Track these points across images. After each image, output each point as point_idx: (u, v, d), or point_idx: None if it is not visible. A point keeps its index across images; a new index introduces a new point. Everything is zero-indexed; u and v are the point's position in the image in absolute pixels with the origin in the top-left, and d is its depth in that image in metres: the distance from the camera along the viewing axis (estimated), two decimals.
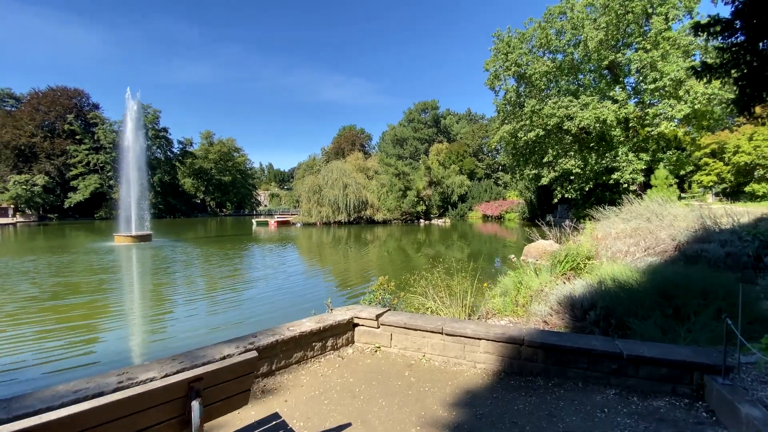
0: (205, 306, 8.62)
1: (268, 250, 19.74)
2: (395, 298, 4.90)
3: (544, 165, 28.58)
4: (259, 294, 9.75)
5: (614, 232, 13.55)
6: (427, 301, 5.05)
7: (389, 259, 17.40)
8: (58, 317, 7.94)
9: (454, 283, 5.87)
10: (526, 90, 29.22)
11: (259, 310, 8.19)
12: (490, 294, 7.01)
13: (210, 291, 10.27)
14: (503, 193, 52.99)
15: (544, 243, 12.96)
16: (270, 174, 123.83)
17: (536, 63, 26.62)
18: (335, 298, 9.47)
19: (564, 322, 4.74)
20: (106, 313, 8.08)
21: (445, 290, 5.68)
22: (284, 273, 12.63)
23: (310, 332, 3.70)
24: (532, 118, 27.02)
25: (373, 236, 29.05)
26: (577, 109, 25.22)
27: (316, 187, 42.32)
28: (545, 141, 28.81)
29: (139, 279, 11.64)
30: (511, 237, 28.81)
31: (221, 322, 7.42)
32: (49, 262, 14.43)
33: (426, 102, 68.77)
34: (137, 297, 9.50)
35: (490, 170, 63.41)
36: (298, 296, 9.66)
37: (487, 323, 3.84)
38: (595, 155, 26.87)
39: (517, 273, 6.78)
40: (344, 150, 66.13)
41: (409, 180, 45.05)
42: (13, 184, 50.20)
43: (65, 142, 56.05)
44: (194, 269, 13.61)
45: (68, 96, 58.85)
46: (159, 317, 8.02)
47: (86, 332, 7.06)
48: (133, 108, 22.86)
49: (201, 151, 74.99)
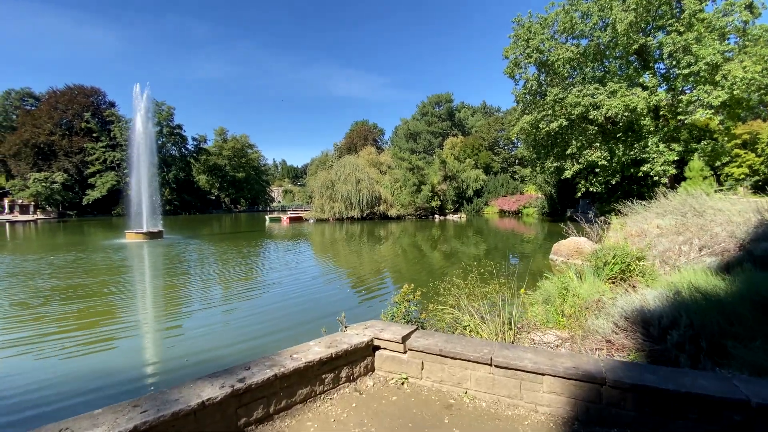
0: (203, 317, 7.76)
1: (279, 248, 19.08)
2: (423, 312, 4.05)
3: (567, 157, 27.18)
4: (265, 302, 8.72)
5: (652, 229, 12.38)
6: (462, 315, 4.17)
7: (406, 258, 16.53)
8: (39, 324, 7.35)
9: (489, 290, 4.97)
10: (547, 78, 27.79)
11: (263, 320, 7.36)
12: (528, 300, 6.10)
13: (211, 297, 9.37)
14: (520, 188, 51.41)
15: (577, 240, 11.89)
16: (283, 170, 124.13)
17: (559, 49, 25.18)
18: (349, 302, 8.64)
19: (634, 342, 3.80)
20: (96, 324, 7.28)
21: (481, 299, 4.78)
22: (295, 274, 11.76)
23: (320, 361, 2.88)
24: (555, 107, 25.64)
25: (387, 232, 28.21)
26: (604, 97, 23.75)
27: (329, 183, 41.66)
28: (568, 132, 27.39)
29: (141, 282, 10.99)
30: (529, 232, 27.57)
31: (216, 338, 6.45)
32: (51, 262, 14.01)
33: (440, 95, 67.32)
34: (136, 303, 8.77)
35: (506, 164, 61.71)
36: (309, 301, 8.70)
37: (551, 352, 2.93)
38: (622, 146, 25.35)
39: (560, 278, 5.82)
40: (357, 145, 65.30)
41: (424, 174, 43.96)
42: (33, 182, 51.12)
43: (83, 140, 56.83)
44: (201, 270, 12.91)
45: (85, 94, 59.61)
46: (155, 328, 7.24)
47: (72, 344, 6.41)
48: (141, 102, 22.46)
49: (215, 148, 75.35)
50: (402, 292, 4.06)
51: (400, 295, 4.02)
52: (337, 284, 10.66)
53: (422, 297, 4.39)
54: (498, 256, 16.89)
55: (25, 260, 14.74)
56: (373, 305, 8.30)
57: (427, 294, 4.79)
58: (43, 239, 25.18)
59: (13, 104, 60.11)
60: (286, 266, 13.22)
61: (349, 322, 6.79)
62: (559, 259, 12.16)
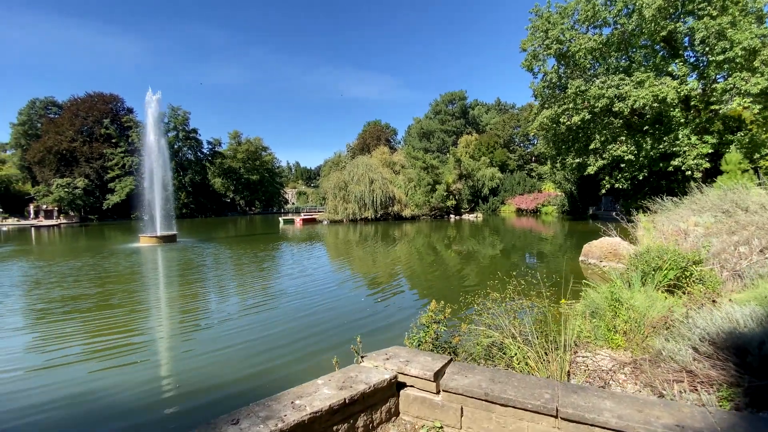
0: (206, 335, 6.81)
1: (292, 252, 18.55)
2: (456, 336, 3.34)
3: (590, 152, 25.92)
4: (273, 316, 7.80)
5: (692, 228, 11.35)
6: (503, 336, 3.44)
7: (424, 261, 15.79)
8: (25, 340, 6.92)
9: (526, 303, 4.24)
10: (567, 71, 26.60)
11: (271, 337, 6.54)
12: (569, 311, 5.33)
13: (216, 311, 8.46)
14: (538, 185, 49.95)
15: (610, 241, 10.94)
16: (297, 172, 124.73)
17: (580, 39, 23.99)
18: (366, 315, 7.91)
19: (725, 374, 3.01)
20: (86, 344, 6.60)
21: (517, 311, 4.05)
22: (307, 283, 10.88)
23: (329, 410, 2.22)
24: (576, 100, 24.44)
25: (402, 233, 27.49)
26: (630, 87, 22.47)
27: (342, 184, 41.18)
28: (591, 126, 26.14)
29: (145, 293, 10.40)
30: (550, 232, 26.42)
31: (216, 359, 5.72)
32: (58, 270, 13.78)
33: (453, 92, 66.20)
34: (133, 320, 8.13)
35: (522, 161, 60.18)
36: (322, 314, 7.89)
37: (637, 399, 2.20)
38: (650, 140, 23.98)
39: (610, 287, 5.02)
40: (369, 145, 64.78)
41: (438, 174, 43.05)
42: (56, 188, 52.40)
43: (102, 146, 57.97)
44: (210, 277, 12.30)
45: (104, 101, 60.85)
46: (148, 346, 6.41)
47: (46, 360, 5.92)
48: (153, 105, 22.36)
49: (229, 151, 75.99)
50: (429, 311, 3.37)
51: (427, 315, 3.32)
52: (352, 293, 9.90)
53: (452, 313, 3.68)
54: (520, 257, 15.98)
55: (34, 267, 14.63)
56: (393, 318, 7.57)
57: (458, 310, 4.06)
58: (61, 244, 25.42)
59: (38, 113, 61.85)
60: (300, 274, 12.59)
61: (367, 339, 6.09)
62: (591, 261, 11.24)
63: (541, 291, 4.83)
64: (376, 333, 6.58)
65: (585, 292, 5.49)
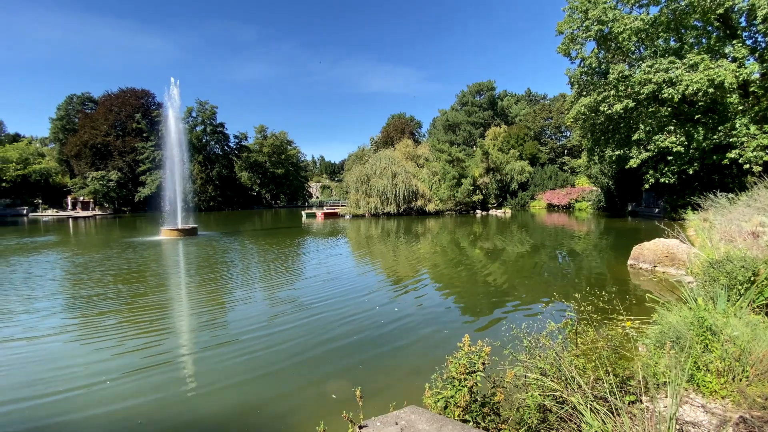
0: (203, 355, 5.67)
1: (311, 249, 17.80)
2: (498, 390, 2.34)
3: (633, 144, 23.79)
4: (277, 332, 6.57)
5: (757, 228, 9.74)
6: (565, 391, 2.42)
7: (451, 262, 14.72)
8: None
9: (591, 335, 3.19)
10: (608, 55, 24.47)
11: (271, 361, 5.47)
12: (639, 338, 4.21)
13: (217, 322, 7.25)
14: (571, 180, 47.40)
15: (666, 243, 9.49)
16: (321, 166, 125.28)
17: (625, 19, 21.87)
18: (384, 332, 6.89)
19: None
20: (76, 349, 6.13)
21: (580, 345, 3.01)
22: (325, 289, 9.65)
23: None
24: (619, 87, 22.39)
25: (426, 229, 26.39)
26: (682, 71, 20.28)
27: (364, 177, 40.35)
28: (634, 115, 23.98)
29: (150, 292, 9.94)
30: (586, 230, 24.57)
31: (202, 381, 4.80)
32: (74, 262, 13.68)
33: (481, 83, 63.80)
34: (127, 328, 7.61)
35: (554, 154, 57.41)
36: (336, 325, 6.80)
37: None
38: (702, 129, 21.67)
39: (696, 311, 3.85)
40: (393, 139, 63.62)
41: (464, 167, 41.45)
42: (92, 180, 54.55)
43: (134, 140, 59.80)
44: (222, 277, 11.55)
45: (136, 96, 62.69)
46: (128, 363, 5.50)
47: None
48: (174, 96, 22.22)
49: (256, 145, 76.89)
50: (462, 351, 2.37)
51: (457, 363, 2.32)
52: (366, 299, 8.95)
53: (491, 346, 2.67)
54: (557, 258, 14.61)
55: (58, 259, 14.64)
56: (410, 336, 6.56)
57: (498, 348, 2.97)
58: (89, 236, 26.01)
59: (75, 108, 64.53)
60: (315, 278, 11.77)
61: (380, 362, 5.12)
62: (642, 266, 9.83)
63: (590, 301, 3.76)
64: (388, 358, 5.58)
65: (657, 313, 4.33)
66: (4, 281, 10.79)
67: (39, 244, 19.43)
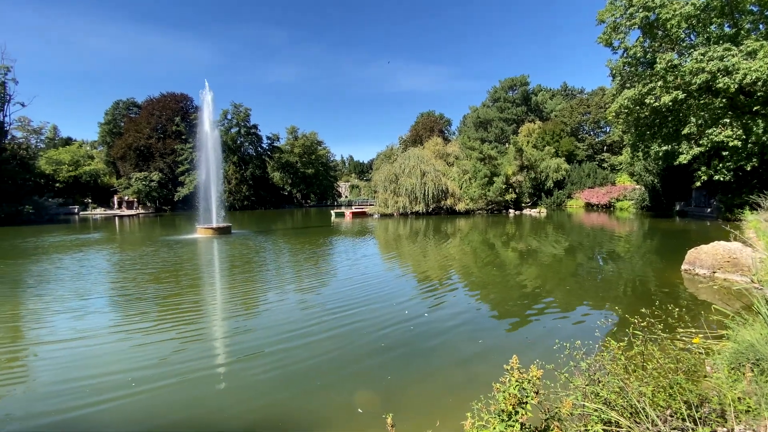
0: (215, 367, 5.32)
1: (339, 250, 17.69)
2: (553, 424, 2.00)
3: (682, 138, 22.06)
4: (308, 340, 6.24)
5: None
6: (640, 427, 2.03)
7: (483, 263, 14.19)
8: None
9: (658, 354, 2.75)
10: (655, 43, 22.84)
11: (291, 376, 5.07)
12: (707, 357, 3.69)
13: (236, 331, 6.83)
14: (611, 178, 44.94)
15: (727, 247, 8.55)
16: (350, 165, 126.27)
17: (674, 4, 20.30)
18: (407, 335, 6.66)
19: None
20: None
21: (643, 365, 2.59)
22: (351, 296, 8.99)
23: None
24: (667, 77, 20.82)
25: (456, 229, 25.76)
26: (739, 59, 18.56)
27: (392, 176, 40.05)
28: (683, 107, 22.23)
29: (187, 291, 10.16)
30: (629, 230, 23.05)
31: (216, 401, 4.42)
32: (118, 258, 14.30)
33: (514, 78, 61.81)
34: (171, 323, 7.75)
35: (592, 151, 54.66)
36: (363, 342, 6.19)
37: None
38: (762, 122, 19.78)
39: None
40: (422, 137, 62.89)
41: (496, 165, 40.20)
42: (135, 181, 57.68)
43: (174, 142, 62.62)
44: (250, 277, 11.37)
45: (176, 100, 65.64)
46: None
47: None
48: (207, 98, 22.92)
49: (287, 146, 78.50)
50: (512, 383, 2.04)
51: (506, 393, 1.99)
52: (399, 306, 8.22)
53: (540, 370, 2.32)
54: (598, 262, 13.71)
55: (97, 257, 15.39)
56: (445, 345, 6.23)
57: (546, 367, 2.57)
58: (132, 233, 27.41)
59: (120, 113, 68.47)
60: (346, 280, 11.60)
61: (410, 373, 4.81)
62: (699, 272, 8.94)
63: (641, 311, 3.27)
64: (418, 369, 5.20)
65: (730, 329, 3.77)
66: (60, 276, 11.43)
67: (91, 241, 20.65)
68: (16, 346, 6.25)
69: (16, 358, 5.80)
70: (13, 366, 5.52)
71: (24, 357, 5.88)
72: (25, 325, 7.34)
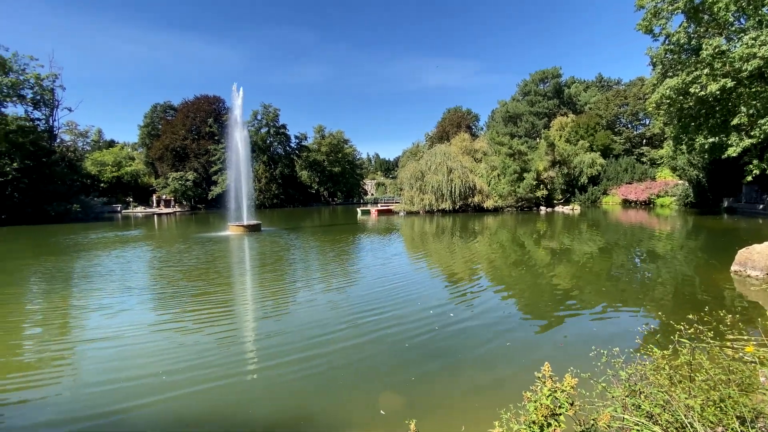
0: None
1: (365, 248, 17.71)
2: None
3: (731, 130, 20.52)
4: (333, 338, 6.25)
5: None
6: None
7: (514, 264, 13.83)
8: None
9: (706, 364, 2.54)
10: (700, 29, 21.31)
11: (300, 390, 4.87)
12: (761, 365, 3.36)
13: (253, 337, 6.62)
14: (651, 173, 42.61)
15: None
16: (376, 163, 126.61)
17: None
18: (433, 342, 6.54)
19: None
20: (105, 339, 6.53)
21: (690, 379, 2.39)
22: (376, 299, 8.68)
23: None
24: (714, 64, 19.39)
25: (484, 227, 25.23)
26: None
27: (418, 174, 39.74)
28: (732, 96, 20.65)
29: (220, 289, 10.46)
30: (671, 228, 21.72)
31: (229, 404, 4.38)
32: (156, 255, 14.94)
33: (545, 70, 59.67)
34: (202, 321, 7.94)
35: (630, 145, 51.99)
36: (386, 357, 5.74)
37: None
38: None
39: None
40: (449, 133, 62.00)
41: (526, 160, 39.01)
42: (172, 180, 60.43)
43: (207, 143, 65.02)
44: (277, 276, 11.59)
45: (209, 102, 68.12)
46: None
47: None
48: (237, 100, 23.60)
49: (314, 145, 79.66)
50: (544, 392, 1.92)
51: (539, 403, 1.87)
52: (423, 305, 8.15)
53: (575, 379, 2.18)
54: (639, 262, 13.00)
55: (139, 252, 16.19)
56: (472, 346, 6.09)
57: (577, 372, 2.39)
58: (170, 229, 28.72)
59: (158, 115, 71.86)
60: (372, 279, 11.60)
61: (435, 374, 4.72)
62: (751, 273, 8.27)
63: (687, 316, 3.00)
64: (443, 370, 5.08)
65: None
66: (103, 273, 12.14)
67: (132, 238, 21.86)
68: (61, 344, 6.55)
69: (61, 357, 6.11)
70: (51, 366, 5.87)
71: (68, 356, 6.24)
72: (68, 322, 7.76)
